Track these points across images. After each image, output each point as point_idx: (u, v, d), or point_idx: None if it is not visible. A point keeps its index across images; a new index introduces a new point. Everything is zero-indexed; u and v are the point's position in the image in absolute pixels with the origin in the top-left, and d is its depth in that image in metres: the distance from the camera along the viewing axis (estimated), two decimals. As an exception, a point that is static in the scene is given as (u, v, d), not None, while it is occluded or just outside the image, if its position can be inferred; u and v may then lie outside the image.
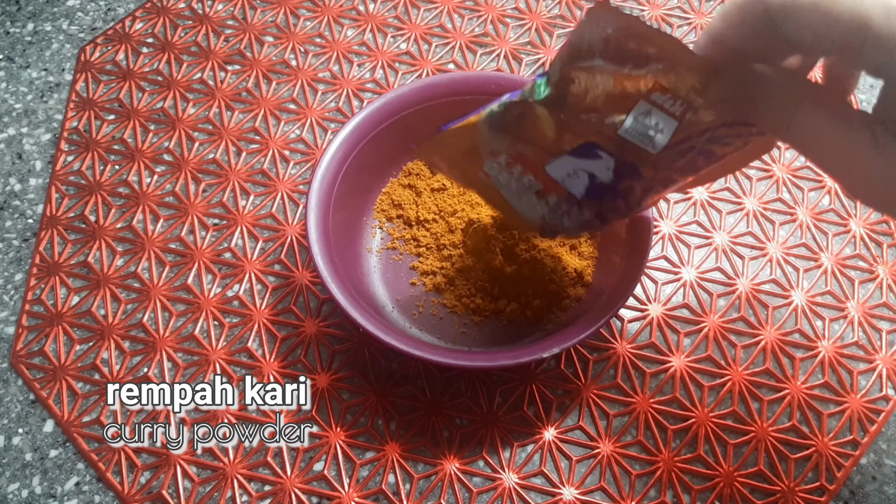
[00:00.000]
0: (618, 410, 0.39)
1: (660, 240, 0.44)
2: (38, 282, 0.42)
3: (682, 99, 0.24)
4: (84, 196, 0.45)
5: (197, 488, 0.36)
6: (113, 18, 0.52)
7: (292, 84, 0.49)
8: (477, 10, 0.53)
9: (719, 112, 0.24)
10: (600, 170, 0.28)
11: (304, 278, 0.42)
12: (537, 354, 0.33)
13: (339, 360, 0.40)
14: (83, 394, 0.39)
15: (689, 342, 0.41)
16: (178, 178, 0.45)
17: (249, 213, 0.44)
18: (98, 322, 0.41)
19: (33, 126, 0.48)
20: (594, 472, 0.37)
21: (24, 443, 0.38)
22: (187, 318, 0.41)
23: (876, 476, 0.38)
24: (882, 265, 0.44)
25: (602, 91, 0.25)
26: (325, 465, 0.37)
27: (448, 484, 0.36)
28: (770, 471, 0.37)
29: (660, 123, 0.25)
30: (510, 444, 0.37)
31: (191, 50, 0.51)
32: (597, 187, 0.29)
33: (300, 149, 0.47)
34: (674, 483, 0.37)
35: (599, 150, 0.27)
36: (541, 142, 0.28)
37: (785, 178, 0.47)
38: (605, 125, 0.26)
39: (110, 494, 0.36)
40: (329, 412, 0.38)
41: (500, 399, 0.39)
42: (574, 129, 0.27)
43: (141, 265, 0.42)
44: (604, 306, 0.35)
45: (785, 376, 0.40)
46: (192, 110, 0.48)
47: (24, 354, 0.40)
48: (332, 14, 0.52)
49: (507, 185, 0.32)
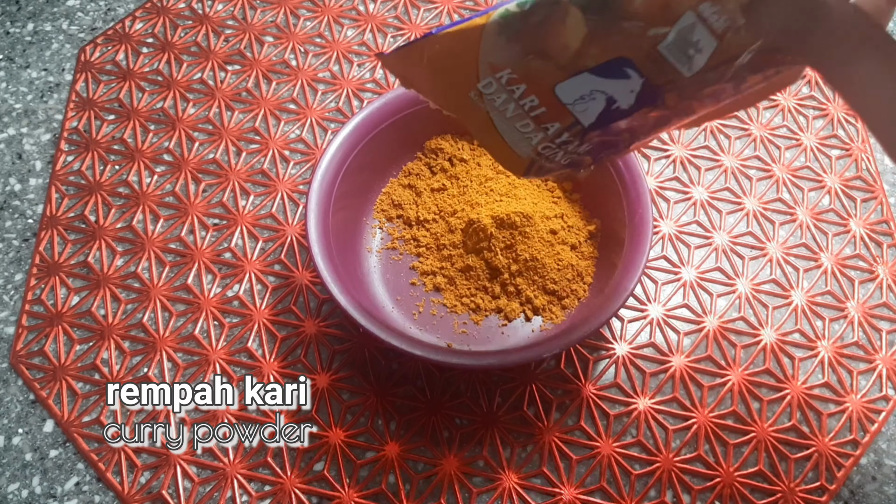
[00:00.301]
0: (618, 410, 0.39)
1: (660, 240, 0.44)
2: (38, 282, 0.42)
3: (727, 15, 0.22)
4: (84, 196, 0.45)
5: (197, 488, 0.36)
6: (113, 18, 0.52)
7: (292, 84, 0.49)
8: (477, 10, 0.53)
9: (765, 36, 0.22)
10: (622, 93, 0.25)
11: (304, 278, 0.42)
12: (537, 354, 0.33)
13: (339, 360, 0.40)
14: (83, 394, 0.39)
15: (689, 342, 0.41)
16: (178, 178, 0.45)
17: (249, 213, 0.44)
18: (98, 322, 0.41)
19: (33, 126, 0.48)
20: (594, 472, 0.37)
21: (24, 443, 0.38)
22: (187, 318, 0.41)
23: (876, 476, 0.38)
24: (882, 265, 0.44)
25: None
26: (325, 466, 0.37)
27: (448, 484, 0.36)
28: (770, 471, 0.37)
29: (701, 41, 0.22)
30: (510, 444, 0.37)
31: (191, 50, 0.51)
32: (610, 113, 0.26)
33: (300, 149, 0.47)
34: (674, 483, 0.37)
35: (629, 69, 0.24)
36: (559, 55, 0.24)
37: (785, 178, 0.47)
38: (647, 37, 0.23)
39: (110, 494, 0.36)
40: (329, 412, 0.38)
41: (500, 399, 0.39)
42: (606, 41, 0.24)
43: (141, 265, 0.42)
44: (604, 306, 0.35)
45: (785, 376, 0.40)
46: (192, 110, 0.48)
47: (24, 354, 0.40)
48: (332, 14, 0.52)
49: (502, 108, 0.27)
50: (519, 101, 0.27)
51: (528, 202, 0.41)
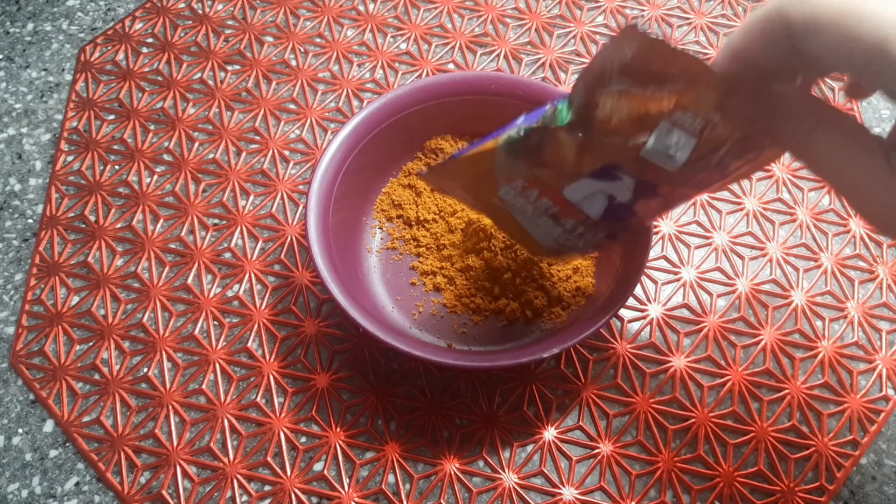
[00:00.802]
0: (618, 410, 0.39)
1: (660, 240, 0.44)
2: (37, 282, 0.42)
3: (701, 116, 0.24)
4: (84, 196, 0.45)
5: (197, 488, 0.36)
6: (113, 18, 0.52)
7: (292, 84, 0.49)
8: (477, 10, 0.53)
9: (737, 127, 0.24)
10: (619, 191, 0.28)
11: (304, 278, 0.42)
12: (537, 354, 0.33)
13: (339, 360, 0.40)
14: (83, 394, 0.39)
15: (689, 342, 0.41)
16: (178, 178, 0.45)
17: (249, 213, 0.44)
18: (98, 322, 0.41)
19: (33, 126, 0.48)
20: (594, 472, 0.37)
21: (24, 443, 0.38)
22: (187, 318, 0.41)
23: (876, 476, 0.38)
24: (882, 265, 0.44)
25: (626, 114, 0.25)
26: (324, 465, 0.37)
27: (448, 484, 0.36)
28: (770, 471, 0.37)
29: (680, 141, 0.25)
30: (510, 444, 0.37)
31: (191, 50, 0.51)
32: (614, 207, 0.29)
33: (300, 149, 0.47)
34: (674, 483, 0.37)
35: (620, 172, 0.27)
36: (560, 166, 0.28)
37: (785, 178, 0.47)
38: (629, 147, 0.26)
39: (110, 494, 0.36)
40: (329, 412, 0.38)
41: (500, 399, 0.39)
42: (595, 152, 0.27)
43: (141, 265, 0.42)
44: (604, 306, 0.35)
45: (785, 376, 0.40)
46: (192, 110, 0.48)
47: (23, 354, 0.40)
48: (332, 14, 0.52)
49: (523, 209, 0.32)
50: (535, 204, 0.31)
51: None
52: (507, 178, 0.30)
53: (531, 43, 0.52)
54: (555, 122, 0.27)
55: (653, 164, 0.26)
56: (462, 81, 0.41)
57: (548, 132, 0.27)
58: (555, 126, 0.27)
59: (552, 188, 0.29)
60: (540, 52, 0.51)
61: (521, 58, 0.51)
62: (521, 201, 0.31)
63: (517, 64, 0.50)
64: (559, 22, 0.53)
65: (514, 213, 0.32)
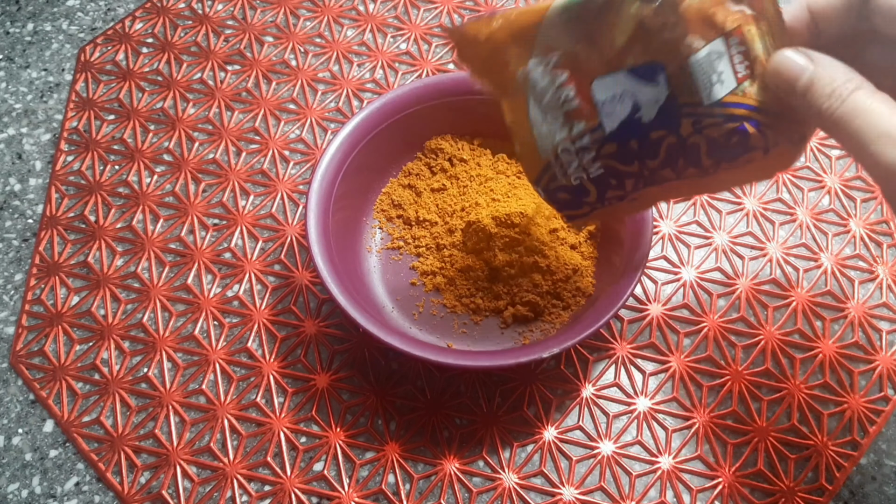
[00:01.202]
0: (618, 410, 0.39)
1: (660, 240, 0.44)
2: (37, 282, 0.42)
3: (749, 61, 0.23)
4: (84, 196, 0.45)
5: (197, 488, 0.36)
6: (113, 18, 0.52)
7: (292, 84, 0.49)
8: (477, 10, 0.53)
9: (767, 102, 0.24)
10: (648, 101, 0.27)
11: (304, 278, 0.42)
12: (537, 354, 0.33)
13: (339, 360, 0.40)
14: (83, 394, 0.39)
15: (689, 342, 0.41)
16: (178, 178, 0.45)
17: (249, 213, 0.44)
18: (98, 322, 0.41)
19: (33, 126, 0.48)
20: (594, 472, 0.37)
21: (24, 443, 0.38)
22: (187, 318, 0.41)
23: (876, 476, 0.38)
24: (882, 265, 0.44)
25: (698, 5, 0.24)
26: (324, 466, 0.37)
27: (448, 484, 0.36)
28: (770, 471, 0.37)
29: (723, 74, 0.24)
30: (510, 445, 0.37)
31: (191, 50, 0.51)
32: (631, 124, 0.27)
33: (300, 149, 0.47)
34: (674, 483, 0.37)
35: (661, 76, 0.26)
36: (606, 48, 0.26)
37: (785, 178, 0.47)
38: (683, 45, 0.24)
39: (110, 494, 0.36)
40: (329, 412, 0.38)
41: (499, 399, 0.39)
42: (647, 44, 0.25)
43: (141, 265, 0.42)
44: (604, 306, 0.35)
45: (785, 376, 0.40)
46: (191, 110, 0.48)
47: (23, 354, 0.40)
48: (332, 14, 0.52)
49: (541, 93, 0.29)
50: (557, 90, 0.28)
51: (528, 202, 0.41)
52: (546, 47, 0.28)
53: (531, 43, 0.51)
54: None
55: (693, 81, 0.25)
56: (462, 81, 0.41)
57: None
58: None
59: (584, 75, 0.28)
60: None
61: (521, 58, 0.51)
62: (545, 82, 0.29)
63: (517, 64, 0.50)
64: (559, 22, 0.53)
65: (530, 96, 0.30)
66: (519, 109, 0.31)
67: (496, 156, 0.43)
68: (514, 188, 0.42)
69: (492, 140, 0.44)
